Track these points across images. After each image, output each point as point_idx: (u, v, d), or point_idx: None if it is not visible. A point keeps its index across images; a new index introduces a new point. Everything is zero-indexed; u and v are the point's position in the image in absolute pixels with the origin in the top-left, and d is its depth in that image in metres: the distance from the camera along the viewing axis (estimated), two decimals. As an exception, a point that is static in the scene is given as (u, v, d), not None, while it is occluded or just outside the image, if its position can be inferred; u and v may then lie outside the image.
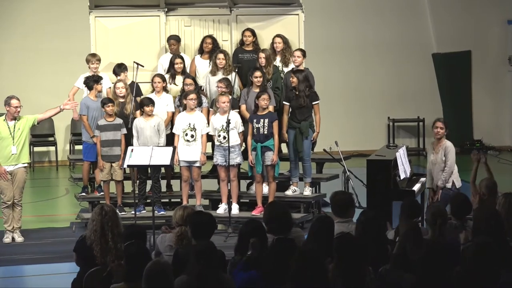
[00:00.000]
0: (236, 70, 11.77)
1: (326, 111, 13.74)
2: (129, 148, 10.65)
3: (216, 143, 11.32)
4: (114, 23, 12.54)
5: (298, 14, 12.57)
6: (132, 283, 5.89)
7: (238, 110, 11.53)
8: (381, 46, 18.74)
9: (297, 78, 11.42)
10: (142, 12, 12.58)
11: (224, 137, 11.13)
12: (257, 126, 11.20)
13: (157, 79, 11.71)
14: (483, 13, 19.08)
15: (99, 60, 12.05)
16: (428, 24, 18.90)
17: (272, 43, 12.09)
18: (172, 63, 12.03)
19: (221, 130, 11.16)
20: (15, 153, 10.93)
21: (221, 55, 11.82)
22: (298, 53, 11.81)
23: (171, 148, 10.61)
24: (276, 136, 11.23)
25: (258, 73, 11.42)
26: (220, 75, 11.76)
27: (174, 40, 12.24)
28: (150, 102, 11.35)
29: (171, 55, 12.16)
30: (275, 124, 11.21)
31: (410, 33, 18.83)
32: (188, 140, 11.34)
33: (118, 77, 11.89)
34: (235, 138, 11.24)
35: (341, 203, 7.57)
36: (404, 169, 10.61)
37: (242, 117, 11.49)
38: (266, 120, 11.17)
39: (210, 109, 11.69)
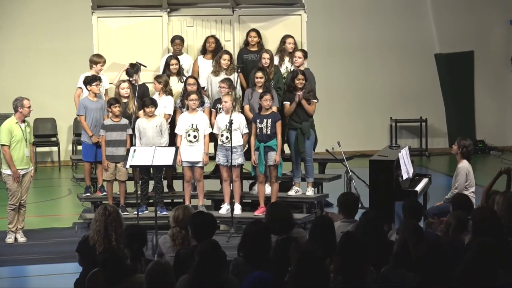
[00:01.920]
0: (239, 70, 11.76)
1: (328, 112, 13.81)
2: (132, 148, 10.65)
3: (219, 142, 11.31)
4: (116, 24, 12.53)
5: (300, 15, 12.55)
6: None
7: (241, 110, 11.52)
8: (383, 46, 18.73)
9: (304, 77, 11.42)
10: (144, 13, 12.57)
11: (227, 137, 11.12)
12: (260, 126, 11.19)
13: (155, 81, 11.72)
14: (485, 13, 19.07)
15: (105, 62, 12.04)
16: (430, 24, 18.89)
17: (282, 43, 12.06)
18: (167, 64, 12.00)
19: (225, 130, 11.16)
20: (28, 156, 10.94)
21: (226, 56, 11.81)
22: (299, 54, 11.80)
23: (173, 149, 10.59)
24: (279, 136, 11.22)
25: (259, 74, 11.41)
26: (222, 76, 11.75)
27: (179, 40, 12.23)
28: (151, 102, 11.34)
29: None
30: (278, 124, 11.20)
31: (412, 34, 18.82)
32: (190, 141, 11.33)
33: (131, 78, 11.87)
34: (238, 138, 11.23)
35: (345, 203, 7.69)
36: (406, 170, 10.60)
37: (246, 118, 11.47)
38: (269, 120, 11.15)
39: (212, 109, 11.69)
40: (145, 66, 11.89)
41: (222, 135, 11.22)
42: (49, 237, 11.32)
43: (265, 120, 11.17)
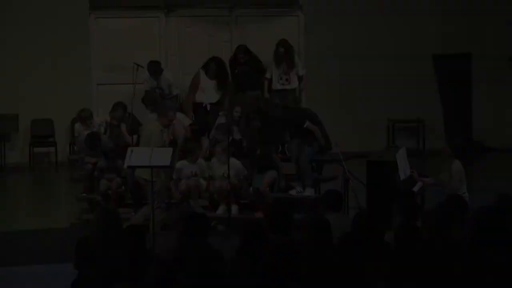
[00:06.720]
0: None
1: (326, 112, 13.78)
2: (129, 148, 10.67)
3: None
4: (114, 24, 12.55)
5: (298, 16, 12.58)
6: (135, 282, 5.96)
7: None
8: (381, 47, 18.73)
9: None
10: (142, 13, 12.59)
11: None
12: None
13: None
14: (483, 14, 19.08)
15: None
16: (427, 25, 18.89)
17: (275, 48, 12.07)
18: None
19: (223, 177, 11.09)
20: None
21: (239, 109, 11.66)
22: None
23: (170, 149, 10.61)
24: None
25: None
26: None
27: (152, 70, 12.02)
28: None
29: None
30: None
31: (410, 34, 18.82)
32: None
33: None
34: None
35: (329, 200, 7.81)
36: (403, 170, 10.62)
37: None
38: None
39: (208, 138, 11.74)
40: (143, 67, 11.90)
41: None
42: (46, 237, 11.31)
43: None
